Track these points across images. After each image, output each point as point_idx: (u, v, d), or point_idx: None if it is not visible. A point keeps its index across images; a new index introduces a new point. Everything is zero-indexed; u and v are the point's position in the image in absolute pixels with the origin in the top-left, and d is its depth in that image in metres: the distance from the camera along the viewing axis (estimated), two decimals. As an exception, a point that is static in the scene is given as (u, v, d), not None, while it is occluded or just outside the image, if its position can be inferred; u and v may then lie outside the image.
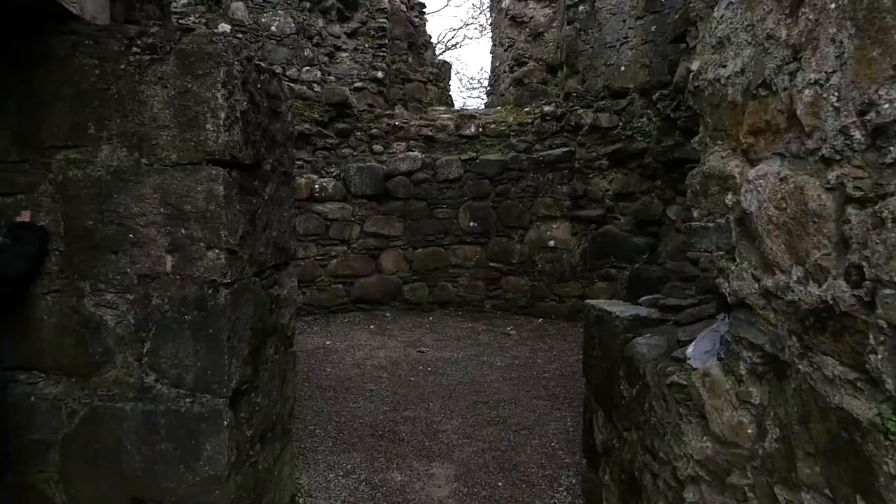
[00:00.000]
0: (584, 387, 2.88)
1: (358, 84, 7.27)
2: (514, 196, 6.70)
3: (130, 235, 1.82)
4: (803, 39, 1.05)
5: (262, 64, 2.18)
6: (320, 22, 7.13)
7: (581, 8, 6.62)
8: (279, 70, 6.55)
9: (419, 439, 3.49)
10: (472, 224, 6.78)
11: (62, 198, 1.81)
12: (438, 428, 3.67)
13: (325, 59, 7.16)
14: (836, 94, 0.94)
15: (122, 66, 1.79)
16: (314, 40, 7.07)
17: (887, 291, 0.82)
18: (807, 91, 1.02)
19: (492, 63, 9.90)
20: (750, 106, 1.24)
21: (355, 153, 6.95)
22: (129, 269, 1.82)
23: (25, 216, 1.77)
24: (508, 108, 7.72)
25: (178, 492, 1.86)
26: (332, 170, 6.79)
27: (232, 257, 1.87)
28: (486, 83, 13.70)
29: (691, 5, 1.64)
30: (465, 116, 7.40)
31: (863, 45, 0.88)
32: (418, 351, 5.39)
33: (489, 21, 12.01)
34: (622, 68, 6.33)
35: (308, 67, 6.90)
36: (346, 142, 6.95)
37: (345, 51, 7.35)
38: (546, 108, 6.90)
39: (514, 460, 3.24)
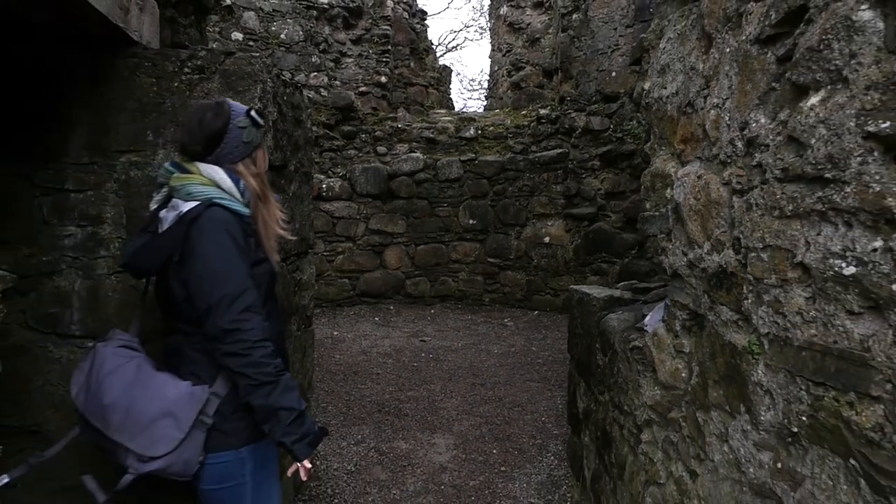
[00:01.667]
0: (569, 363, 3.23)
1: (362, 88, 7.64)
2: (511, 195, 7.06)
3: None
4: (711, 72, 1.40)
5: (287, 79, 2.53)
6: (327, 29, 7.49)
7: (575, 16, 6.97)
8: (288, 76, 6.91)
9: (422, 415, 3.85)
10: (471, 222, 7.14)
11: (125, 194, 2.16)
12: (439, 406, 4.02)
13: (332, 64, 7.52)
14: (728, 114, 1.30)
15: (176, 84, 2.14)
16: (321, 47, 7.43)
17: (753, 254, 1.17)
18: (712, 111, 1.37)
19: (491, 67, 10.26)
20: (681, 120, 1.59)
21: (360, 154, 7.30)
22: (180, 254, 2.17)
23: None
24: (506, 111, 8.07)
25: (220, 441, 2.21)
26: (339, 170, 7.15)
27: (266, 244, 2.22)
28: (486, 84, 14.07)
29: (644, 36, 1.86)
30: (465, 119, 7.75)
31: (742, 80, 1.23)
32: (420, 340, 5.75)
33: (488, 26, 12.36)
34: (613, 74, 6.68)
35: (315, 73, 7.26)
36: (351, 143, 7.30)
37: (350, 57, 7.71)
38: (542, 112, 7.25)
39: (507, 432, 3.60)
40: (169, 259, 1.41)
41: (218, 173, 1.46)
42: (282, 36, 7.07)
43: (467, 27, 33.69)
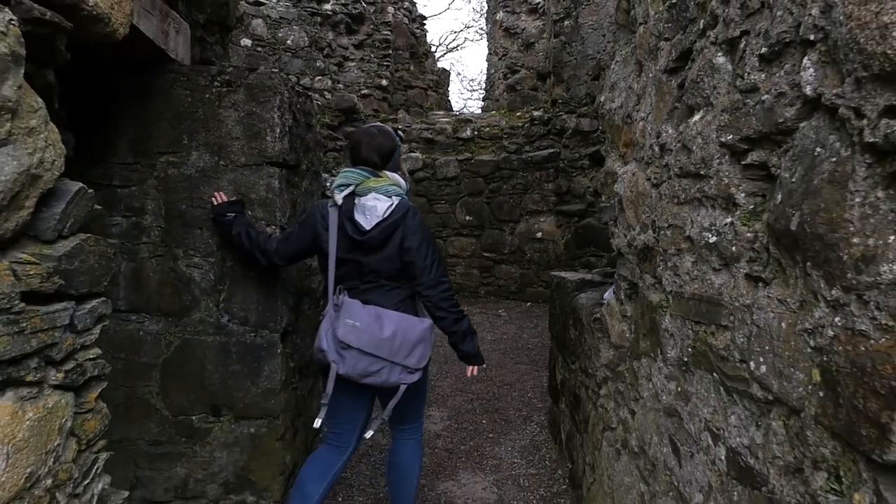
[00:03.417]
0: (550, 341, 3.61)
1: (364, 91, 8.01)
2: (505, 193, 7.43)
3: (212, 216, 2.54)
4: (642, 92, 1.77)
5: (300, 89, 2.90)
6: (330, 35, 7.86)
7: (566, 23, 7.34)
8: (294, 79, 7.28)
9: (419, 392, 4.22)
10: (467, 218, 7.51)
11: (163, 189, 2.53)
12: (435, 384, 4.39)
13: (335, 68, 7.89)
14: (650, 125, 1.67)
15: (207, 95, 2.52)
16: (325, 52, 7.80)
17: (662, 232, 1.54)
18: (641, 123, 1.75)
19: (488, 70, 10.62)
20: (624, 128, 1.96)
21: (362, 154, 7.65)
22: (210, 240, 2.55)
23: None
24: (502, 113, 8.44)
25: (245, 400, 2.58)
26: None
27: (283, 232, 2.60)
28: (485, 85, 14.43)
29: (602, 57, 2.15)
30: (462, 120, 8.12)
31: (658, 99, 1.61)
32: (419, 329, 6.11)
33: (487, 29, 12.71)
34: (602, 78, 7.04)
35: (320, 77, 7.63)
36: (353, 144, 7.65)
37: (352, 61, 8.08)
38: (535, 114, 7.62)
39: (496, 406, 3.97)
40: (392, 233, 2.06)
41: (398, 177, 2.12)
42: (288, 42, 7.45)
43: (468, 28, 34.07)
